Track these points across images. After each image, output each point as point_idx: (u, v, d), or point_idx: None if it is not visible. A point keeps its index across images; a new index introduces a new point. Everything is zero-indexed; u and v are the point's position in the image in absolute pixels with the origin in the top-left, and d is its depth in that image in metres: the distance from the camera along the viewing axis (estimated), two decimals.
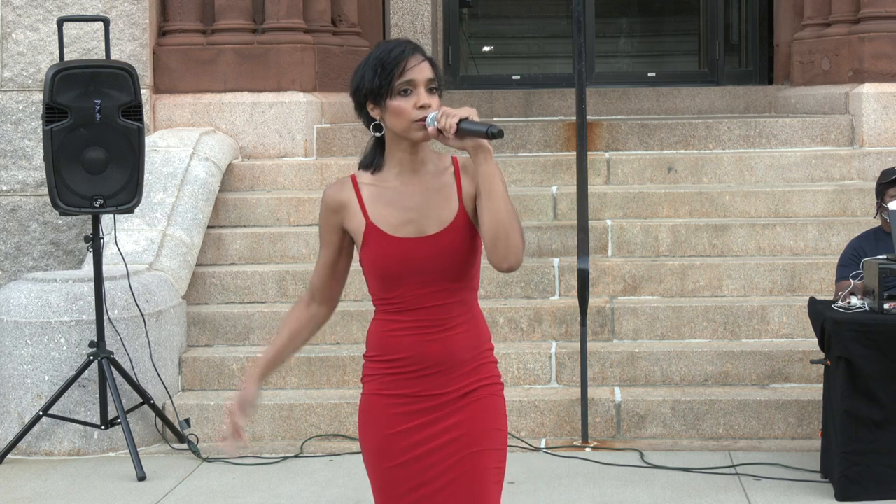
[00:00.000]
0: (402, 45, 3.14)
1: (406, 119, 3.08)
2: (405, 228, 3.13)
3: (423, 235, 3.12)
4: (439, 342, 3.14)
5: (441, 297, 3.14)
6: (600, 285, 7.25)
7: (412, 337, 3.15)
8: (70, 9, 8.41)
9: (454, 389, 3.16)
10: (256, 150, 8.51)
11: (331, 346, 7.09)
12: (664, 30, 12.94)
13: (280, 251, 7.68)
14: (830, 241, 7.47)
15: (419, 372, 3.16)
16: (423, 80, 3.09)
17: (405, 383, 3.18)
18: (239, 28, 8.71)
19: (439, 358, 3.15)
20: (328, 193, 3.22)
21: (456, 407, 3.15)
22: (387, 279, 3.14)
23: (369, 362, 3.29)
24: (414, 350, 3.15)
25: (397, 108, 3.09)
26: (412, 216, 3.13)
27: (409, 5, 10.44)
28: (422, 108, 3.07)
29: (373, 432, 3.24)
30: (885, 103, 8.27)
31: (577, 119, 6.50)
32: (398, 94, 3.09)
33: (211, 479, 6.04)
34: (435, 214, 3.13)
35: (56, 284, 6.59)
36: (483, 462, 3.15)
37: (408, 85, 3.08)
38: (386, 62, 3.10)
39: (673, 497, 5.63)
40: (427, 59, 3.13)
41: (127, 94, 6.42)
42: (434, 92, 3.11)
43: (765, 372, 6.73)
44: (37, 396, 6.46)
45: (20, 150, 8.40)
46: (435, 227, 3.12)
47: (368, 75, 3.13)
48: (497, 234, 3.03)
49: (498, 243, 3.03)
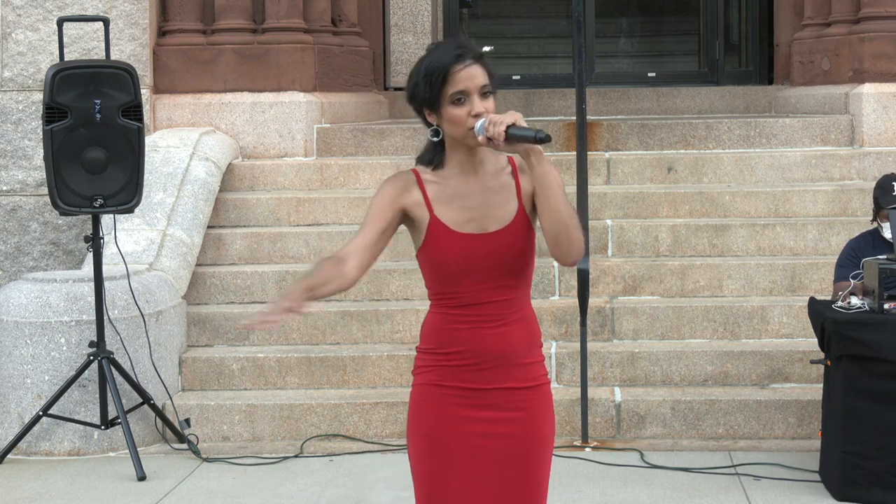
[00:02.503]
0: (450, 49, 3.14)
1: (462, 128, 3.13)
2: (468, 225, 3.18)
3: (484, 233, 3.18)
4: (498, 336, 3.20)
5: (499, 294, 3.20)
6: (600, 285, 7.26)
7: (471, 331, 3.20)
8: (70, 9, 8.41)
9: (509, 386, 3.22)
10: (256, 150, 8.51)
11: (331, 346, 7.09)
12: (664, 30, 12.95)
13: (280, 251, 7.68)
14: (830, 241, 7.47)
15: (477, 365, 3.21)
16: (475, 87, 3.12)
17: (463, 375, 3.23)
18: (239, 28, 8.71)
19: (498, 352, 3.21)
20: (398, 176, 3.23)
21: (511, 402, 3.23)
22: (448, 274, 3.20)
23: (425, 354, 3.30)
24: (473, 343, 3.20)
25: (452, 118, 3.13)
26: (474, 214, 3.18)
27: (409, 5, 10.44)
28: (476, 116, 3.11)
29: (426, 418, 3.29)
30: (885, 103, 8.27)
31: (577, 119, 6.50)
32: (451, 104, 3.13)
33: (211, 479, 6.04)
34: (496, 213, 3.19)
35: (56, 284, 6.59)
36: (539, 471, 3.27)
37: (460, 94, 3.12)
38: (434, 71, 3.12)
39: (673, 497, 5.63)
40: (477, 60, 3.14)
41: (127, 94, 6.42)
42: (488, 96, 3.14)
43: (765, 372, 6.73)
44: (37, 396, 6.46)
45: (20, 150, 8.40)
46: (496, 225, 3.19)
47: (421, 84, 3.16)
48: (558, 231, 3.11)
49: (560, 239, 3.12)
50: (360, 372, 6.89)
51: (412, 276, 7.29)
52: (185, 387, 6.97)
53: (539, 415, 3.27)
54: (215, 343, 7.17)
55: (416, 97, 3.19)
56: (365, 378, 6.88)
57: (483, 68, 3.14)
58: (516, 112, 3.06)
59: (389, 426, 6.62)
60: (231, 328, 7.16)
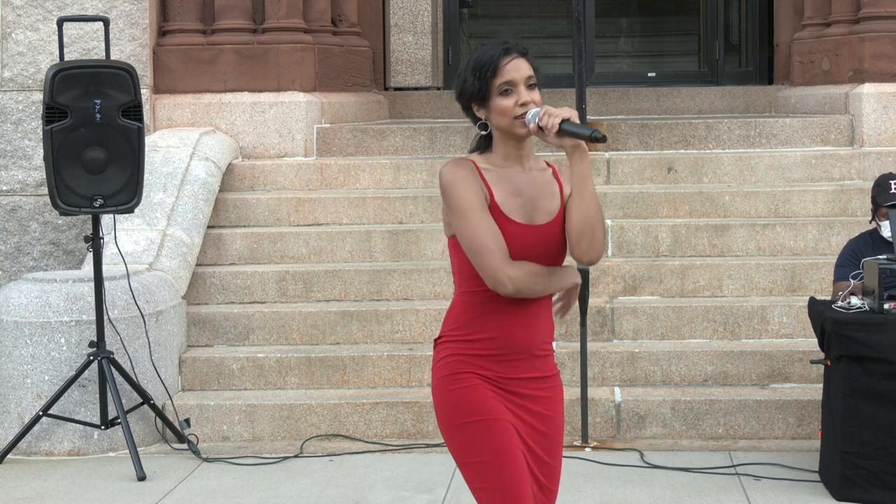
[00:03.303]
0: (497, 45, 3.30)
1: (509, 116, 3.26)
2: (518, 213, 3.29)
3: (532, 224, 3.30)
4: (524, 329, 3.31)
5: None
6: (600, 285, 7.26)
7: (500, 321, 3.29)
8: (70, 9, 8.41)
9: (532, 375, 3.35)
10: (256, 150, 8.51)
11: (331, 346, 7.09)
12: (664, 30, 12.96)
13: (280, 251, 7.68)
14: (830, 241, 7.47)
15: (503, 357, 3.32)
16: (521, 78, 3.27)
17: (487, 364, 3.31)
18: (239, 28, 8.71)
19: (523, 345, 3.32)
20: (460, 162, 3.30)
21: (533, 392, 3.35)
22: None
23: (449, 343, 3.35)
24: (501, 332, 3.30)
25: (500, 108, 3.27)
26: (524, 202, 3.30)
27: (409, 5, 10.43)
28: (523, 105, 3.25)
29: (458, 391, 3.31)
30: (885, 103, 8.27)
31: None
32: (499, 94, 3.27)
33: (211, 479, 6.04)
34: (543, 205, 3.32)
35: (56, 284, 6.59)
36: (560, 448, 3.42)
37: (508, 85, 3.26)
38: (483, 65, 3.27)
39: (673, 497, 5.63)
40: (523, 56, 3.29)
41: (127, 94, 6.42)
42: (534, 88, 3.29)
43: (765, 372, 6.73)
44: (37, 396, 6.46)
45: (20, 150, 8.40)
46: (544, 218, 3.32)
47: (469, 79, 3.30)
48: (583, 230, 3.24)
49: (583, 238, 3.25)
50: (360, 372, 6.89)
51: (412, 276, 7.29)
52: (185, 387, 6.97)
53: (558, 402, 3.41)
54: (215, 343, 7.17)
55: (464, 92, 3.31)
56: (365, 378, 6.88)
57: (528, 62, 3.29)
58: (573, 110, 3.22)
59: (389, 426, 6.62)
60: (231, 328, 7.16)
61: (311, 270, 7.42)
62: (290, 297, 7.36)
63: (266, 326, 7.16)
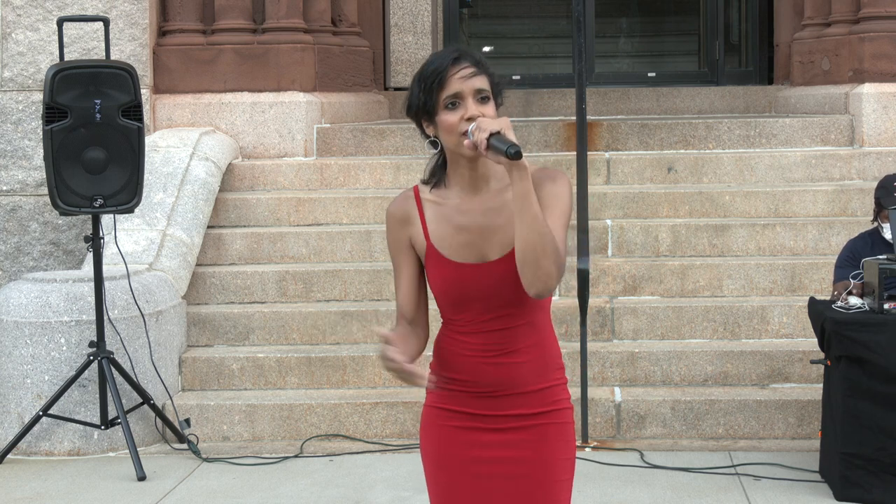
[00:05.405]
0: (448, 53, 2.95)
1: (455, 133, 2.91)
2: (464, 252, 2.97)
3: (483, 262, 2.97)
4: (498, 367, 3.01)
5: (506, 322, 3.00)
6: (600, 285, 7.26)
7: (473, 359, 3.02)
8: (70, 9, 8.41)
9: (518, 412, 3.03)
10: (256, 150, 8.52)
11: (331, 346, 7.09)
12: (664, 30, 12.96)
13: (280, 251, 7.68)
14: (830, 241, 7.47)
15: (480, 393, 3.03)
16: (470, 90, 2.91)
17: (462, 400, 3.05)
18: (239, 28, 8.71)
19: (496, 383, 3.02)
20: (394, 207, 3.06)
21: (518, 426, 3.04)
22: (446, 304, 3.03)
23: (432, 374, 3.11)
24: (471, 374, 3.02)
25: (445, 123, 2.92)
26: (473, 239, 2.97)
27: (409, 5, 10.44)
28: (468, 121, 2.89)
29: (430, 443, 3.12)
30: (885, 103, 8.27)
31: (577, 119, 6.50)
32: (445, 109, 2.92)
33: (211, 479, 6.04)
34: (497, 238, 2.95)
35: (56, 284, 6.59)
36: (554, 496, 3.08)
37: (454, 98, 2.91)
38: (429, 75, 2.93)
39: (673, 497, 5.63)
40: (475, 65, 2.95)
41: (127, 94, 6.42)
42: (486, 101, 2.93)
43: (765, 372, 6.73)
44: (37, 396, 6.46)
45: (20, 150, 8.40)
46: (497, 253, 2.96)
47: (415, 91, 2.97)
48: (525, 259, 2.83)
49: (526, 268, 2.83)
50: (360, 372, 6.89)
51: None
52: (185, 387, 6.97)
53: (555, 440, 3.07)
54: (215, 343, 7.17)
55: (412, 106, 2.99)
56: (365, 378, 6.88)
57: (482, 73, 2.94)
58: (506, 119, 2.83)
59: (389, 426, 6.62)
60: (231, 328, 7.16)
61: (311, 270, 7.42)
62: (290, 297, 7.36)
63: (266, 326, 7.16)
